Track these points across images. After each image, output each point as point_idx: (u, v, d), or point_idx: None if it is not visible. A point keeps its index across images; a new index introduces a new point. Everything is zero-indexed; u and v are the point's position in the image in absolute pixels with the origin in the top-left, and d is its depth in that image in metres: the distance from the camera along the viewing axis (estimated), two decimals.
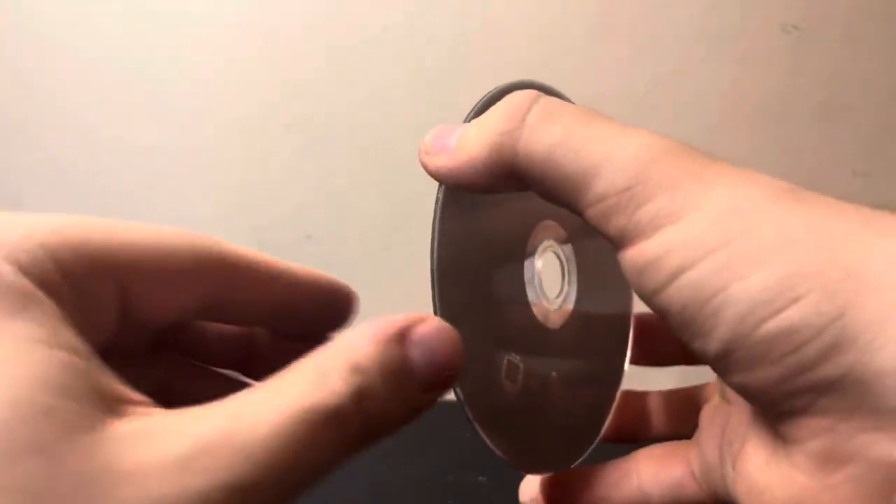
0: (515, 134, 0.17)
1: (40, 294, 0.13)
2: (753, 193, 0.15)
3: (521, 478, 0.23)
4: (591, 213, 0.16)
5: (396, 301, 0.28)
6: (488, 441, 0.20)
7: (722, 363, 0.15)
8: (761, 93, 0.47)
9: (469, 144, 0.18)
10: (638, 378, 0.24)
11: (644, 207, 0.15)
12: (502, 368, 0.22)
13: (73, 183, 0.50)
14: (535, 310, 0.23)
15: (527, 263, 0.23)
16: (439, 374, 0.15)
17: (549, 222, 0.24)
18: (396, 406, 0.15)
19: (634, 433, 0.24)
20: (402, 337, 0.15)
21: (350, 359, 0.14)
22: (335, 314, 0.21)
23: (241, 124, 0.49)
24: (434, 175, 0.19)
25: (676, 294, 0.15)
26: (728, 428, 0.19)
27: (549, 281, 0.23)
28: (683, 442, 0.21)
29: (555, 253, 0.24)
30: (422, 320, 0.15)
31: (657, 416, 0.24)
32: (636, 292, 0.17)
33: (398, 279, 0.45)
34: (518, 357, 0.22)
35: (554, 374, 0.23)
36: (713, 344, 0.15)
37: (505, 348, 0.22)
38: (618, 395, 0.24)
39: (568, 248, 0.24)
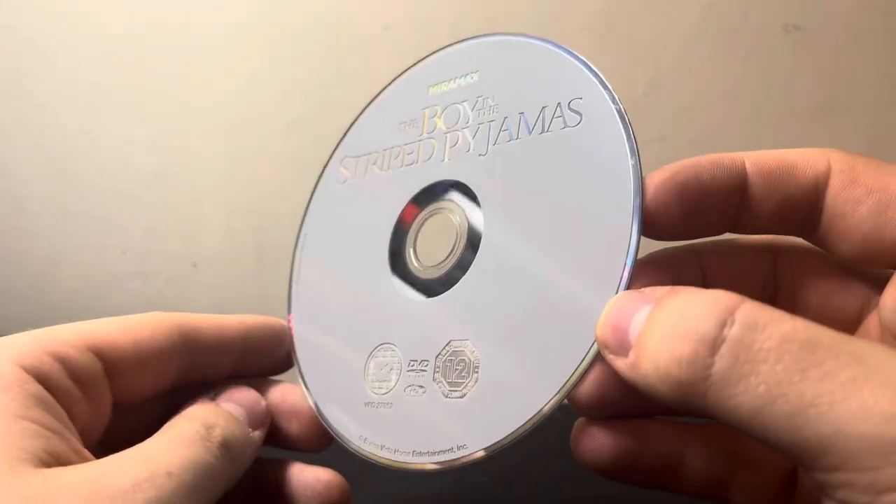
0: (701, 387, 0.14)
1: (26, 379, 0.18)
2: None
3: (521, 478, 0.23)
4: (817, 478, 0.14)
5: None
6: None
7: None
8: (762, 92, 0.47)
9: (649, 371, 0.15)
10: None
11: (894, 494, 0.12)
12: (364, 370, 0.22)
13: (73, 183, 0.50)
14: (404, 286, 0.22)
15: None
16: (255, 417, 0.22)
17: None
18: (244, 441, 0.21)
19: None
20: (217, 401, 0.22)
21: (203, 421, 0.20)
22: (276, 348, 0.25)
23: (242, 124, 0.49)
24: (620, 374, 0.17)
25: None
26: None
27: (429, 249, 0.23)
28: None
29: (443, 212, 0.23)
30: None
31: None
32: None
33: None
34: (392, 349, 0.21)
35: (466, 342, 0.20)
36: None
37: (365, 347, 0.22)
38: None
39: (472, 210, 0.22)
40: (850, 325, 0.19)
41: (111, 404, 0.21)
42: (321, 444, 0.24)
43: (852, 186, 0.17)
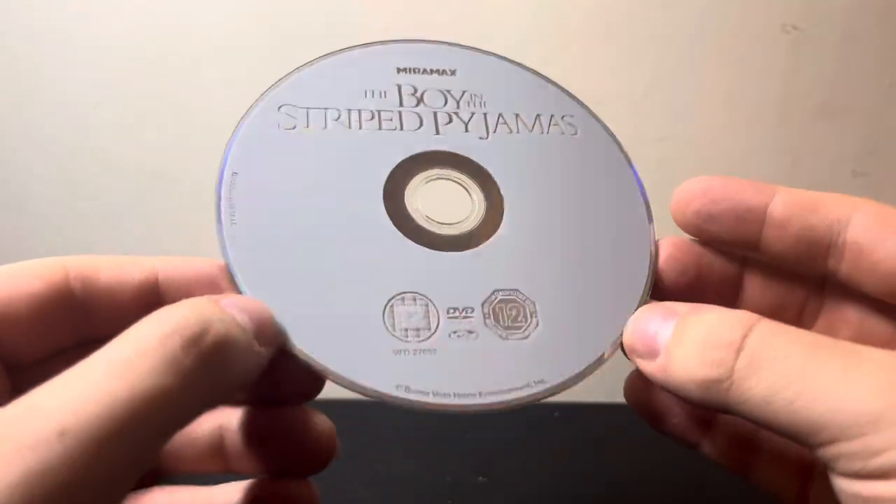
0: (726, 384, 0.17)
1: None
2: None
3: (521, 478, 0.23)
4: (818, 454, 0.16)
5: None
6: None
7: None
8: (761, 93, 0.47)
9: (679, 373, 0.18)
10: None
11: (884, 455, 0.15)
12: (386, 314, 0.21)
13: (75, 184, 0.50)
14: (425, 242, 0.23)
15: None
16: (257, 318, 0.18)
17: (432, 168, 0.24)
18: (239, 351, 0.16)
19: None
20: (216, 300, 0.17)
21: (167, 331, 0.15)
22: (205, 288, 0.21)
23: None
24: (647, 376, 0.20)
25: None
26: None
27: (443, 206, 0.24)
28: None
29: (449, 179, 0.24)
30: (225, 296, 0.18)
31: None
32: None
33: None
34: (419, 297, 0.22)
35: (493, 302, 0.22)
36: None
37: (386, 293, 0.21)
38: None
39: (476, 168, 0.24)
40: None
41: None
42: (312, 389, 0.21)
43: (877, 226, 0.19)
